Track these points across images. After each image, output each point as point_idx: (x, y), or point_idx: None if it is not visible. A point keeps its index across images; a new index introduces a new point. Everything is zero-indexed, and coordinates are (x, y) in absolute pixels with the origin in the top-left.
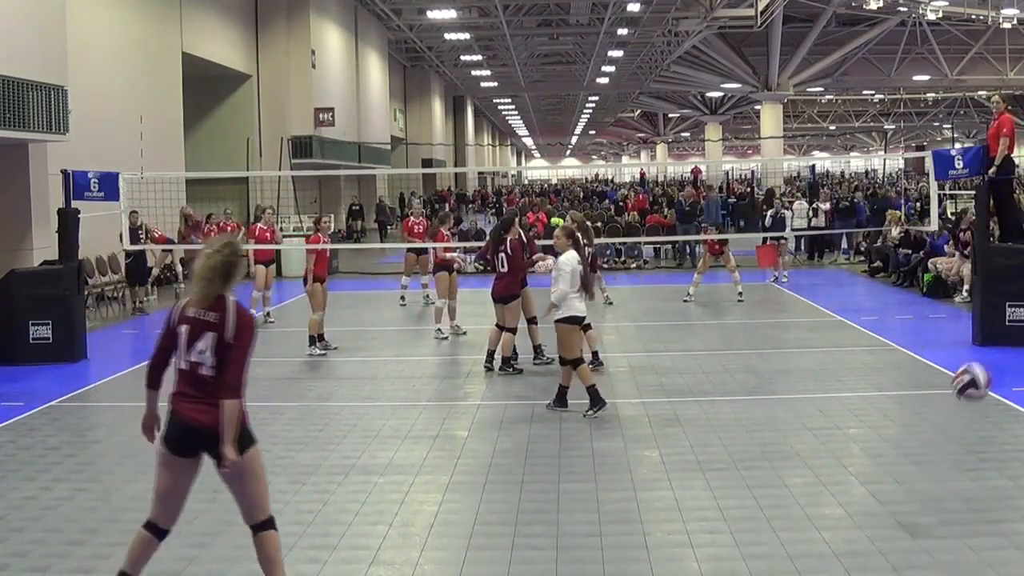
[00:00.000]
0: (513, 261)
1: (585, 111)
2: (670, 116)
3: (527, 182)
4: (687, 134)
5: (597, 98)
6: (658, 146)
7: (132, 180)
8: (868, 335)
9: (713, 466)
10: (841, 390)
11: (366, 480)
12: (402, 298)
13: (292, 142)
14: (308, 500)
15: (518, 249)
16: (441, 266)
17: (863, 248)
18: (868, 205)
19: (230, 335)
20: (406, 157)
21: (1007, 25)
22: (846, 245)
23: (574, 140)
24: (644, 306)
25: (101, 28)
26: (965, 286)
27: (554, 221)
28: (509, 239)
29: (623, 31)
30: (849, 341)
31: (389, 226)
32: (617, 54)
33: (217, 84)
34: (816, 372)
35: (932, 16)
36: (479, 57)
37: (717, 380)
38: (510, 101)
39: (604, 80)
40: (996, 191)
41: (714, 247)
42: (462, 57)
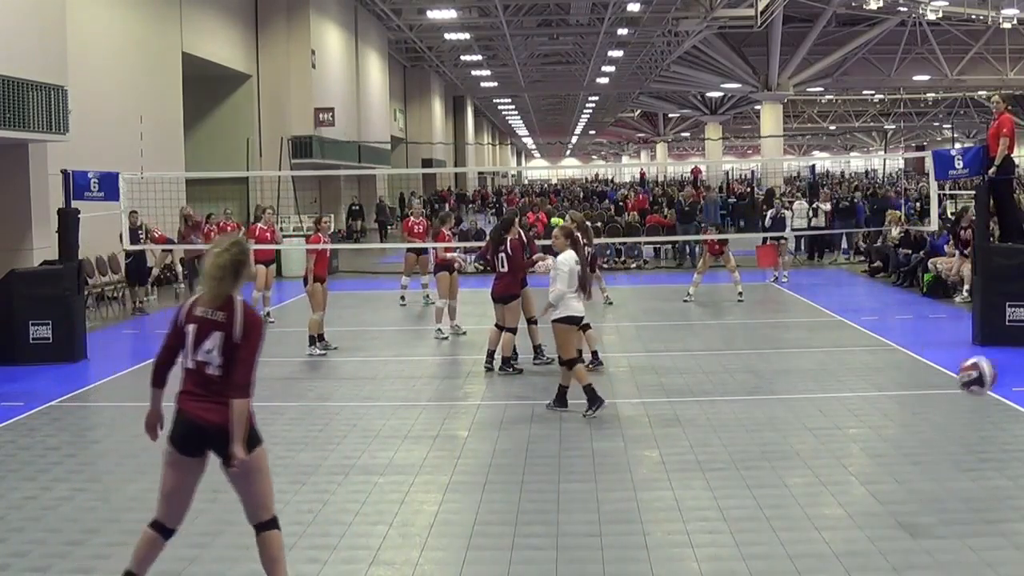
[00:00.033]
0: (513, 261)
1: (585, 111)
2: (670, 116)
3: (527, 182)
4: (687, 134)
5: (597, 98)
6: (658, 146)
7: (132, 180)
8: (868, 335)
9: (713, 466)
10: (841, 390)
11: (366, 480)
12: (402, 298)
13: (292, 142)
14: (308, 500)
15: (518, 249)
16: (442, 266)
17: (862, 248)
18: (868, 205)
19: (238, 335)
20: (406, 157)
21: (1007, 25)
22: (846, 245)
23: (574, 140)
24: (644, 306)
25: (101, 28)
26: (965, 286)
27: (554, 221)
28: (509, 239)
29: (623, 31)
30: (849, 341)
31: (389, 226)
32: (617, 54)
33: (217, 84)
34: (816, 372)
35: (932, 16)
36: (479, 57)
37: (717, 380)
38: (510, 101)
39: (604, 80)
40: (996, 191)
41: (714, 247)
42: (462, 57)
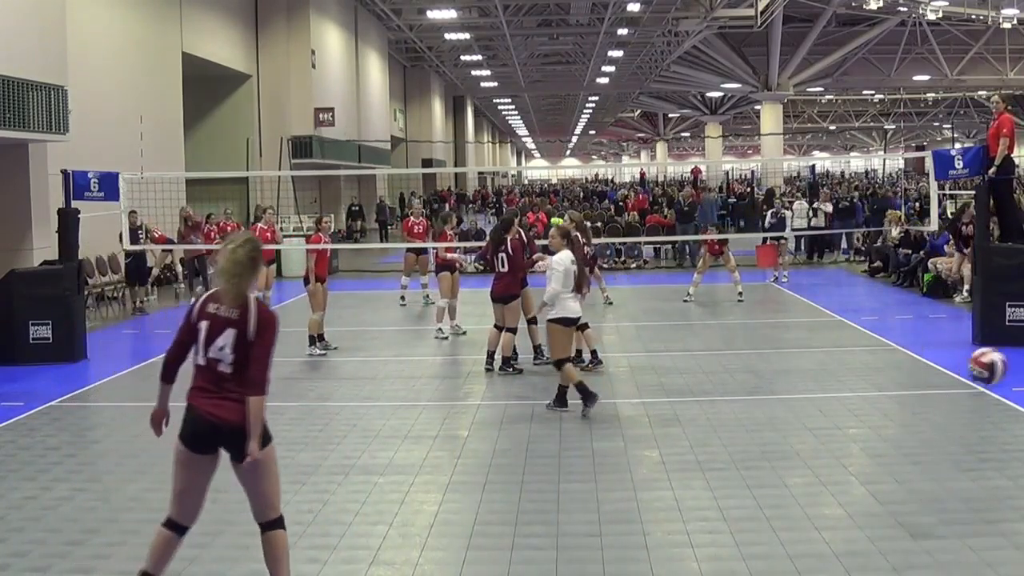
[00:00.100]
0: (513, 261)
1: (585, 111)
2: (670, 116)
3: (527, 182)
4: (687, 134)
5: (597, 98)
6: (658, 146)
7: (132, 180)
8: (868, 335)
9: (713, 466)
10: (841, 390)
11: (366, 480)
12: (402, 298)
13: (292, 142)
14: (308, 500)
15: (518, 249)
16: (443, 266)
17: (863, 248)
18: (868, 205)
19: (252, 332)
20: (406, 157)
21: (1007, 25)
22: (846, 245)
23: (574, 140)
24: (644, 306)
25: (101, 28)
26: (965, 286)
27: (554, 221)
28: (510, 239)
29: (623, 31)
30: (849, 341)
31: (389, 226)
32: (617, 54)
33: (217, 84)
34: (816, 372)
35: (932, 16)
36: (479, 57)
37: (717, 380)
38: (510, 101)
39: (604, 80)
40: (996, 191)
41: (714, 247)
42: (462, 57)
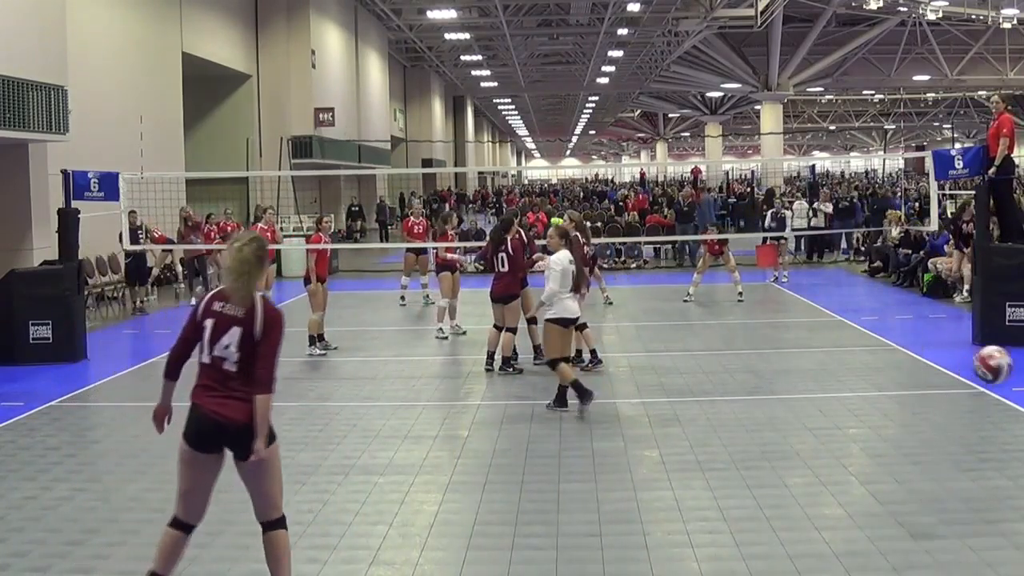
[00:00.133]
0: (514, 261)
1: (585, 111)
2: (670, 116)
3: (527, 182)
4: (687, 134)
5: (597, 98)
6: (658, 146)
7: (132, 180)
8: (868, 335)
9: (713, 466)
10: (841, 390)
11: (366, 480)
12: (402, 298)
13: (292, 142)
14: (308, 500)
15: (519, 249)
16: (444, 266)
17: (863, 248)
18: (868, 205)
19: (259, 331)
20: (406, 157)
21: (1007, 25)
22: (846, 245)
23: (574, 140)
24: (644, 306)
25: (101, 28)
26: (965, 286)
27: (554, 221)
28: (510, 239)
29: (623, 31)
30: (849, 341)
31: (389, 226)
32: (617, 54)
33: (217, 84)
34: (816, 372)
35: (932, 16)
36: (479, 57)
37: (717, 380)
38: (510, 101)
39: (604, 80)
40: (996, 191)
41: (714, 247)
42: (462, 57)
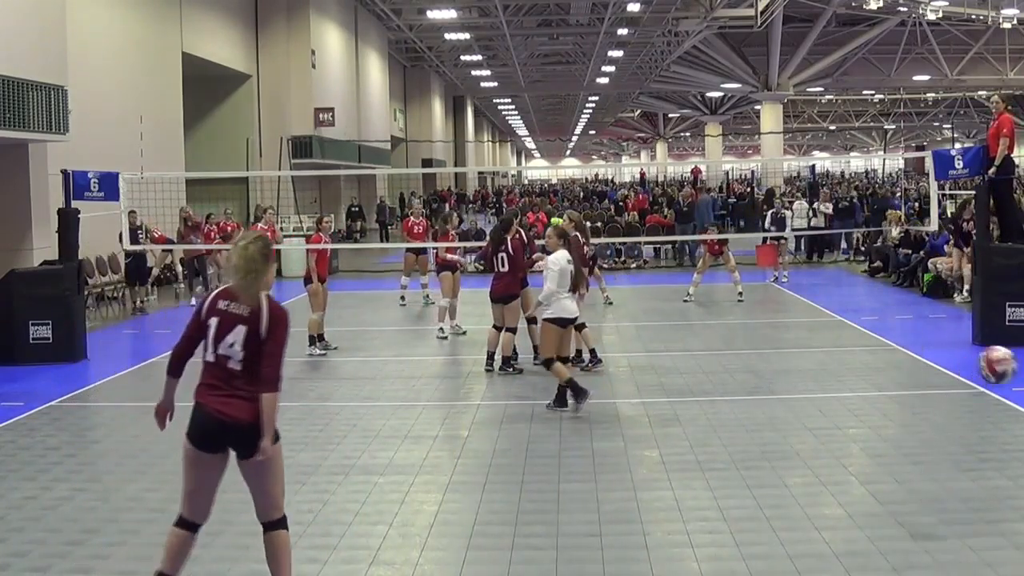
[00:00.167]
0: (514, 261)
1: (585, 111)
2: (670, 116)
3: (527, 182)
4: (687, 134)
5: (597, 98)
6: (658, 146)
7: (132, 180)
8: (868, 335)
9: (713, 466)
10: (841, 390)
11: (366, 480)
12: (402, 298)
13: (292, 142)
14: (308, 500)
15: (519, 249)
16: (444, 266)
17: (863, 248)
18: (868, 205)
19: (264, 329)
20: (406, 157)
21: (1007, 25)
22: (845, 245)
23: (574, 140)
24: (644, 306)
25: (101, 28)
26: (965, 286)
27: (554, 221)
28: (510, 239)
29: (623, 31)
30: (849, 341)
31: (389, 226)
32: (617, 54)
33: (217, 84)
34: (816, 372)
35: (932, 16)
36: (479, 57)
37: (717, 380)
38: (510, 101)
39: (604, 80)
40: (996, 191)
41: (714, 247)
42: (462, 57)
